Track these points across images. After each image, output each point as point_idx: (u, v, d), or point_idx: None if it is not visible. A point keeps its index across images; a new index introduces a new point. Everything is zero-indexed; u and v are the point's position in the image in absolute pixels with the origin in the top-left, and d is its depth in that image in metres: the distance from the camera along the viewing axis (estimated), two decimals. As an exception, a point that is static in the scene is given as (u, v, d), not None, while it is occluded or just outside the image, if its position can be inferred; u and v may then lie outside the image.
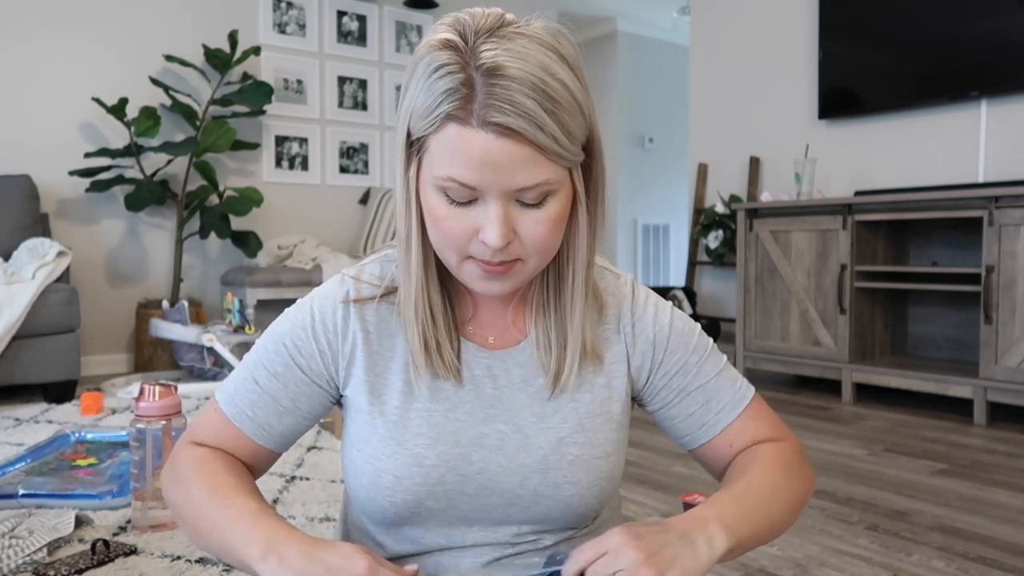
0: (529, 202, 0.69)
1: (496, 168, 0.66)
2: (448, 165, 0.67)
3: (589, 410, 0.80)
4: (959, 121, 3.37)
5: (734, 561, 1.58)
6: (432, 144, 0.68)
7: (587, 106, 0.70)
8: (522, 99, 0.64)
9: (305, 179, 4.54)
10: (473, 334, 0.81)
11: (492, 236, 0.68)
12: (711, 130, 4.49)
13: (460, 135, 0.66)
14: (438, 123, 0.67)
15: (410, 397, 0.78)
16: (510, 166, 0.66)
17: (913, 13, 3.42)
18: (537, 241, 0.70)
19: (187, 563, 1.52)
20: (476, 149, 0.66)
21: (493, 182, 0.67)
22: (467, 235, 0.69)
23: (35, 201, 3.52)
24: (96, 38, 3.92)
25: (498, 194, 0.68)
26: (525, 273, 0.73)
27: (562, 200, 0.71)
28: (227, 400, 0.81)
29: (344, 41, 4.67)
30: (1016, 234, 2.74)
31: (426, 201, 0.71)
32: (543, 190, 0.69)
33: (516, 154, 0.66)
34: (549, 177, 0.68)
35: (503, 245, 0.68)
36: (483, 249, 0.69)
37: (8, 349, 2.96)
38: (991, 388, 2.80)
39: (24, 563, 1.47)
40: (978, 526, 1.79)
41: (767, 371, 3.72)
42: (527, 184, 0.67)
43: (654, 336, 0.83)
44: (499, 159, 0.66)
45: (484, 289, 0.73)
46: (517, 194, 0.68)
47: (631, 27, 6.66)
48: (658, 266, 6.98)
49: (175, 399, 1.73)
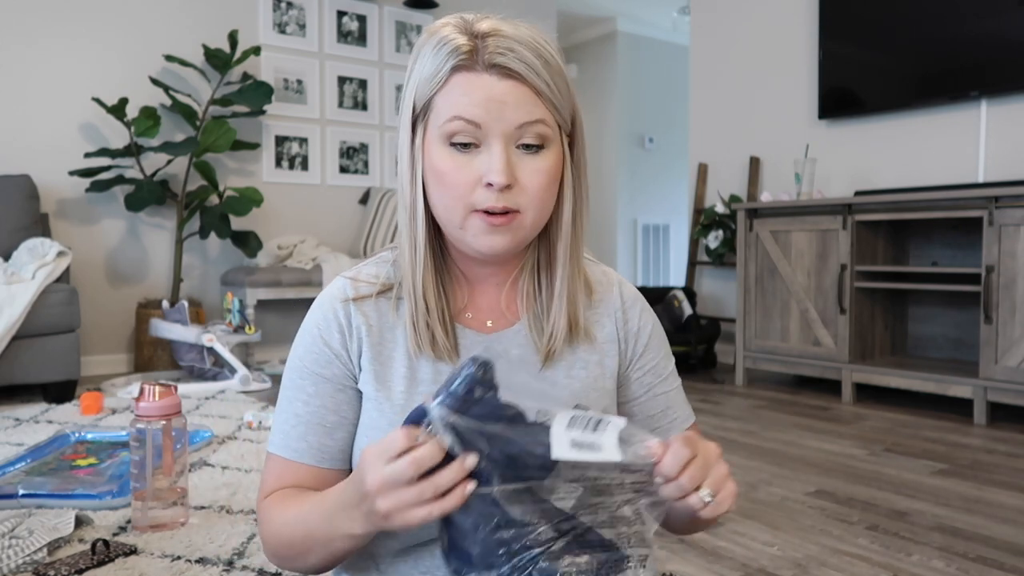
0: (530, 142, 0.76)
1: (500, 105, 0.74)
2: (455, 107, 0.75)
3: (585, 384, 0.85)
4: (959, 121, 3.37)
5: (734, 561, 1.58)
6: (438, 99, 0.76)
7: (572, 89, 0.79)
8: (520, 49, 0.74)
9: (305, 179, 4.54)
10: (472, 320, 0.85)
11: (496, 172, 0.74)
12: (711, 130, 4.49)
13: (467, 80, 0.75)
14: (445, 77, 0.75)
15: (414, 382, 0.81)
16: (512, 103, 0.74)
17: (913, 13, 3.42)
18: (535, 189, 0.76)
19: (187, 563, 1.52)
20: (482, 89, 0.74)
21: (497, 119, 0.74)
22: (471, 184, 0.75)
23: (35, 201, 3.52)
24: (96, 38, 3.92)
25: (500, 134, 0.75)
26: (524, 229, 0.78)
27: (555, 155, 0.78)
28: (279, 445, 0.84)
29: (344, 41, 4.67)
30: (1016, 234, 2.74)
31: (431, 163, 0.77)
32: (541, 132, 0.76)
33: (517, 93, 0.75)
34: (546, 118, 0.76)
35: (506, 182, 0.74)
36: (486, 195, 0.75)
37: (8, 349, 2.96)
38: (991, 388, 2.80)
39: (24, 563, 1.47)
40: (978, 526, 1.79)
41: (767, 371, 3.72)
42: (527, 120, 0.75)
43: (639, 328, 0.90)
44: (502, 96, 0.74)
45: (487, 245, 0.77)
46: (518, 133, 0.75)
47: (631, 27, 6.66)
48: (658, 266, 6.98)
49: (175, 399, 1.73)
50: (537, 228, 0.80)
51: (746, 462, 2.33)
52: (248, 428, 2.66)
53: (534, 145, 0.76)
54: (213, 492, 1.96)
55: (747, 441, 2.59)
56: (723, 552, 1.62)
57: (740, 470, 2.24)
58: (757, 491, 2.04)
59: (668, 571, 1.52)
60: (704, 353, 4.11)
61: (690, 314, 4.07)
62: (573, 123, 0.81)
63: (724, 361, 4.30)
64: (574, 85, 0.81)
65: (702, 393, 3.45)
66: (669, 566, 1.54)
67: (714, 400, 3.31)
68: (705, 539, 1.69)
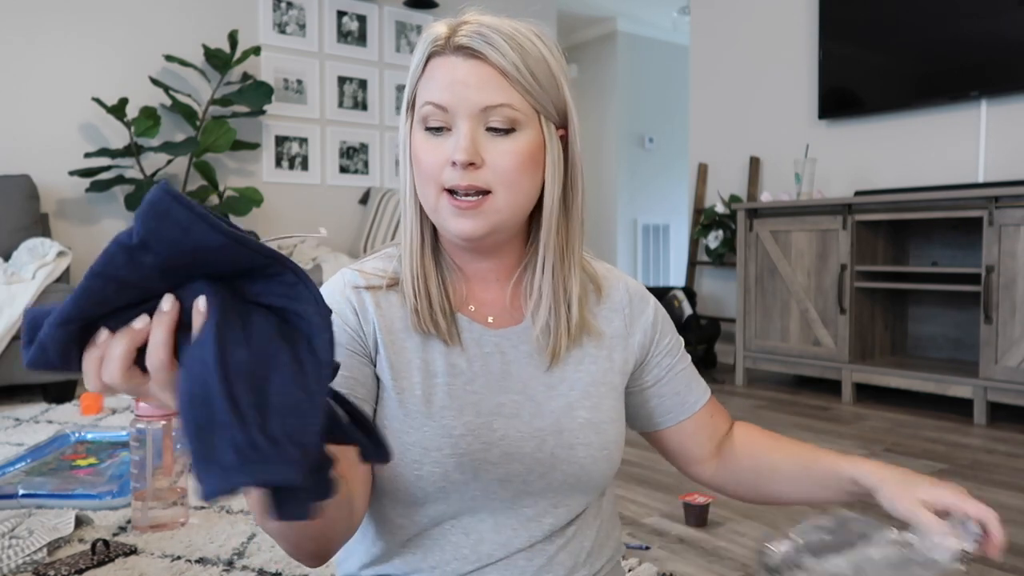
0: (497, 126, 0.76)
1: (464, 86, 0.75)
2: (428, 92, 0.77)
3: (593, 379, 0.86)
4: (959, 121, 3.37)
5: (734, 561, 1.58)
6: (419, 88, 0.78)
7: (560, 78, 0.79)
8: (489, 32, 0.75)
9: (305, 179, 4.54)
10: (475, 312, 0.85)
11: (459, 151, 0.75)
12: (711, 130, 4.49)
13: (436, 65, 0.77)
14: (423, 65, 0.78)
15: (429, 374, 0.81)
16: (476, 84, 0.75)
17: (913, 13, 3.42)
18: (503, 170, 0.76)
19: (187, 563, 1.52)
20: (448, 72, 0.76)
21: (462, 100, 0.75)
22: (440, 164, 0.76)
23: (35, 201, 3.52)
24: (96, 38, 3.92)
25: (466, 115, 0.76)
26: (494, 212, 0.77)
27: (531, 137, 0.78)
28: None
29: (344, 41, 4.67)
30: (1016, 234, 2.74)
31: (413, 150, 0.79)
32: (509, 115, 0.76)
33: (481, 73, 0.75)
34: (513, 102, 0.76)
35: (468, 159, 0.75)
36: (451, 174, 0.76)
37: (8, 349, 2.96)
38: (991, 388, 2.80)
39: (24, 563, 1.47)
40: (978, 526, 1.79)
41: (767, 371, 3.72)
42: (492, 103, 0.75)
43: (652, 316, 0.93)
44: (466, 78, 0.75)
45: (457, 228, 0.77)
46: (484, 116, 0.76)
47: (631, 27, 6.66)
48: (658, 266, 6.98)
49: (175, 399, 1.73)
50: (513, 212, 0.79)
51: (746, 462, 2.33)
52: (248, 428, 2.65)
53: (502, 129, 0.76)
54: (213, 492, 1.96)
55: (747, 441, 2.59)
56: (723, 552, 1.62)
57: (740, 470, 2.24)
58: (757, 491, 2.04)
59: (668, 571, 1.51)
60: (704, 353, 4.11)
61: (690, 314, 4.07)
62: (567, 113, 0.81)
63: (724, 361, 4.30)
64: (568, 80, 0.81)
65: (702, 393, 3.45)
66: (669, 566, 1.54)
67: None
68: (705, 539, 1.69)
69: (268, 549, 1.60)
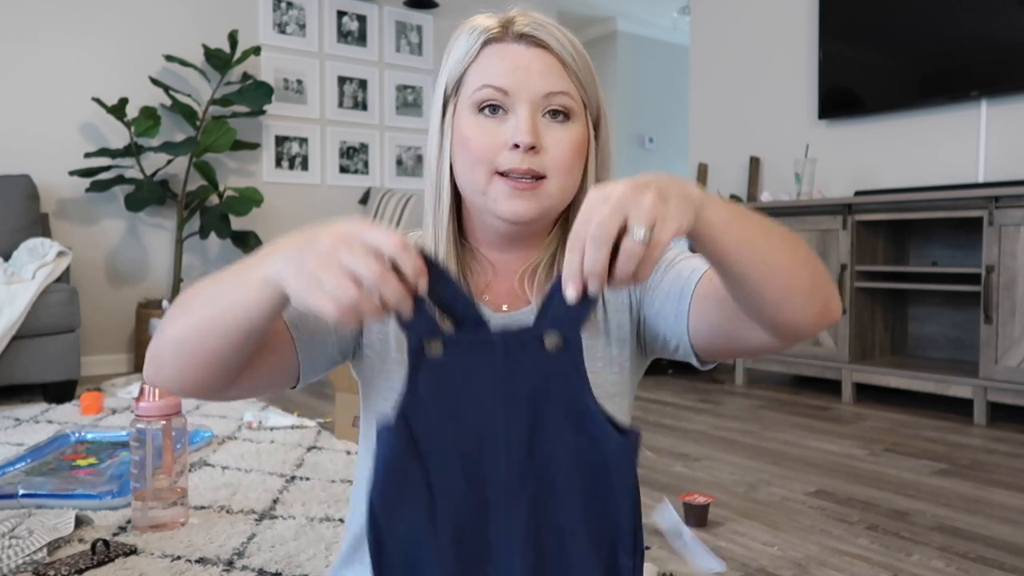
0: (556, 108, 0.79)
1: (527, 72, 0.78)
2: (485, 75, 0.79)
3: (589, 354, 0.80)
4: (959, 121, 3.37)
5: (734, 561, 1.57)
6: (470, 73, 0.80)
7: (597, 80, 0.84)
8: (547, 25, 0.80)
9: (305, 179, 4.54)
10: (489, 302, 0.86)
11: (522, 132, 0.76)
12: (711, 130, 4.49)
13: (497, 51, 0.79)
14: (477, 50, 0.80)
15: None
16: (539, 71, 0.78)
17: (913, 13, 3.42)
18: (559, 157, 0.79)
19: (187, 563, 1.52)
20: (511, 57, 0.79)
21: (524, 85, 0.78)
22: (496, 148, 0.78)
23: (35, 201, 3.52)
24: (96, 38, 3.92)
25: (527, 99, 0.78)
26: (549, 197, 0.79)
27: (580, 130, 0.81)
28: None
29: (344, 41, 4.67)
30: (1016, 234, 2.74)
31: (459, 132, 0.80)
32: (567, 104, 0.79)
33: (545, 61, 0.79)
34: (571, 91, 0.80)
35: (532, 142, 0.76)
36: (511, 157, 0.77)
37: (8, 349, 2.96)
38: (991, 388, 2.80)
39: (24, 563, 1.47)
40: (978, 526, 1.79)
41: (767, 371, 3.72)
42: (554, 89, 0.79)
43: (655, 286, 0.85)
44: (530, 64, 0.78)
45: (512, 209, 0.78)
46: (544, 102, 0.78)
47: (631, 27, 6.65)
48: (658, 266, 6.98)
49: (175, 399, 1.74)
50: (563, 199, 0.81)
51: (746, 462, 2.33)
52: (248, 428, 2.66)
53: (560, 112, 0.79)
54: (213, 492, 1.96)
55: (747, 441, 2.59)
56: (723, 552, 1.62)
57: (740, 470, 2.24)
58: (757, 491, 2.05)
59: (668, 571, 1.51)
60: (704, 353, 4.10)
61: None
62: (599, 114, 0.84)
63: (724, 361, 4.30)
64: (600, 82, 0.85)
65: (702, 393, 3.45)
66: (669, 566, 1.54)
67: (714, 400, 3.31)
68: (705, 539, 1.69)
69: (268, 549, 1.60)
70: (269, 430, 2.62)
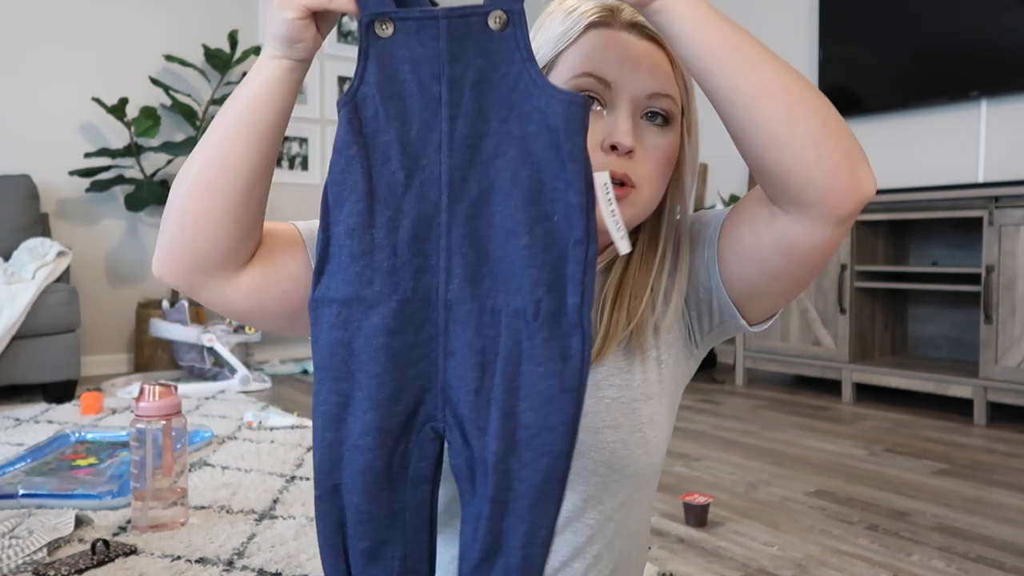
0: (657, 109, 0.71)
1: (635, 66, 0.69)
2: (587, 63, 0.69)
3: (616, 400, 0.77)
4: (959, 121, 3.37)
5: (734, 561, 1.58)
6: (565, 57, 0.70)
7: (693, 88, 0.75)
8: None
9: (305, 179, 4.54)
10: None
11: (623, 133, 0.68)
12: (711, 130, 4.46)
13: (603, 36, 0.70)
14: (578, 33, 0.70)
15: None
16: (648, 67, 0.70)
17: (913, 13, 3.42)
18: (654, 164, 0.71)
19: (187, 563, 1.52)
20: (620, 45, 0.69)
21: (630, 80, 0.69)
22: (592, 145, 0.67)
23: (35, 201, 3.52)
24: (96, 38, 3.92)
25: (629, 98, 0.70)
26: (637, 207, 0.71)
27: (676, 137, 0.73)
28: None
29: (344, 41, 4.66)
30: (1016, 234, 2.74)
31: None
32: (668, 107, 0.71)
33: (655, 57, 0.70)
34: (675, 94, 0.72)
35: (632, 145, 0.69)
36: (607, 160, 0.69)
37: (8, 349, 2.96)
38: (991, 388, 2.80)
39: (24, 563, 1.47)
40: (978, 526, 1.79)
41: (767, 371, 3.72)
42: (660, 90, 0.70)
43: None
44: (640, 57, 0.69)
45: None
46: (647, 102, 0.70)
47: (631, 27, 6.67)
48: (658, 266, 6.98)
49: (175, 399, 1.74)
50: (647, 213, 0.73)
51: (746, 462, 2.33)
52: (248, 428, 2.66)
53: (660, 115, 0.71)
54: (213, 492, 1.96)
55: (747, 441, 2.59)
56: (723, 552, 1.62)
57: (740, 470, 2.24)
58: (757, 491, 2.05)
59: (668, 571, 1.52)
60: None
61: (690, 314, 4.07)
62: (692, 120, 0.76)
63: (724, 361, 4.30)
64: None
65: (702, 393, 3.45)
66: (669, 566, 1.54)
67: (714, 400, 3.31)
68: (705, 539, 1.70)
69: (268, 549, 1.60)
70: (269, 430, 2.63)
